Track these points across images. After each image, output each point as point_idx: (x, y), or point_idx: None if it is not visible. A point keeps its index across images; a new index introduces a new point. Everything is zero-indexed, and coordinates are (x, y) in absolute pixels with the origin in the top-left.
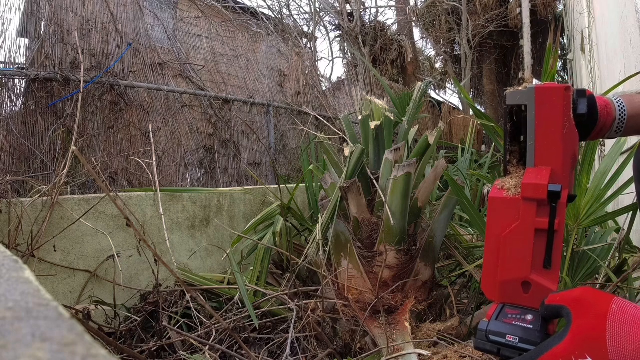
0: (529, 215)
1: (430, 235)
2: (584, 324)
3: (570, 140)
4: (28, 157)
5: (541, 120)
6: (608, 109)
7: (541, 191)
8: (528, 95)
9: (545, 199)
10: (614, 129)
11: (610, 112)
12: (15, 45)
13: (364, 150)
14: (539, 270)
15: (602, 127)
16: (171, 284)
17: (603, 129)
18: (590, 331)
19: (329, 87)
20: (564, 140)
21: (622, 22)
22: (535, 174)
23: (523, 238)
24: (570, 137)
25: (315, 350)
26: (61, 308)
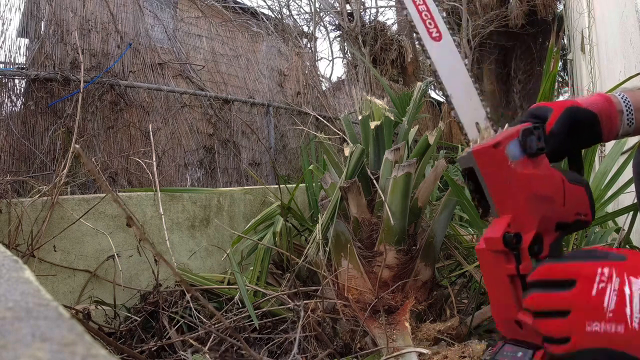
0: (499, 264)
1: (430, 235)
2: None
3: (520, 187)
4: (28, 157)
5: (486, 178)
6: (608, 102)
7: (497, 243)
8: (470, 159)
9: (504, 249)
10: (625, 122)
11: (611, 104)
12: (15, 45)
13: (364, 150)
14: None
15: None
16: (171, 284)
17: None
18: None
19: (329, 87)
20: (509, 190)
21: (622, 22)
22: (494, 226)
23: (501, 284)
24: (519, 185)
25: (315, 350)
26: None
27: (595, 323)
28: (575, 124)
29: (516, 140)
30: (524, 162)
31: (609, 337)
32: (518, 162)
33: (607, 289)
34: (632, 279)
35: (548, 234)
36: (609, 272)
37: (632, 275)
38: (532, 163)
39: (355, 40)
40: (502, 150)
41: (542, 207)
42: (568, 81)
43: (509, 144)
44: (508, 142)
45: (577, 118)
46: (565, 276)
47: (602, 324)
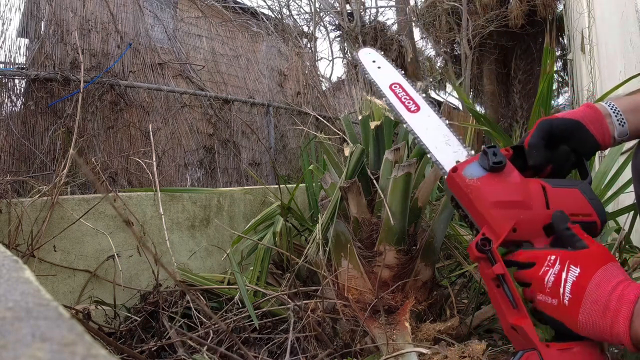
0: (484, 272)
1: (431, 235)
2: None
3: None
4: (28, 157)
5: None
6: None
7: (473, 252)
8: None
9: (480, 254)
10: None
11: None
12: (15, 45)
13: (364, 150)
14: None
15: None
16: (171, 284)
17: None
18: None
19: (329, 87)
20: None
21: (622, 22)
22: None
23: (492, 291)
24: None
25: (315, 350)
26: (61, 308)
27: (540, 294)
28: (550, 132)
29: (475, 162)
30: (487, 177)
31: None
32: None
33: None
34: (572, 267)
35: (538, 238)
36: (554, 259)
37: (572, 264)
38: (496, 177)
39: (355, 40)
40: (460, 172)
41: (514, 212)
42: (568, 81)
43: (466, 167)
44: (465, 166)
45: (552, 126)
46: (528, 260)
47: (544, 295)
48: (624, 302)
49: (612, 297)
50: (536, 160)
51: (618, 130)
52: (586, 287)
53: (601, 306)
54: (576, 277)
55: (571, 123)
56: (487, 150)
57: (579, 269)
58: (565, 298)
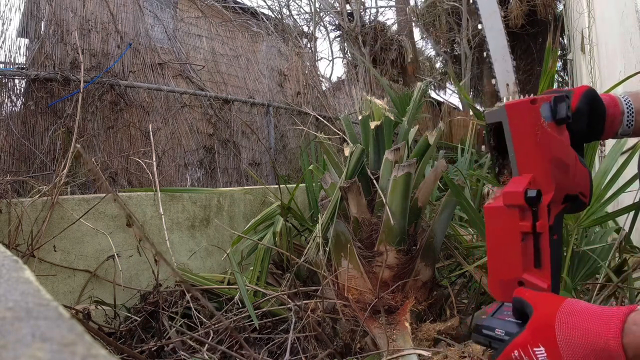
0: (513, 220)
1: (431, 235)
2: (538, 317)
3: (547, 147)
4: (28, 157)
5: (515, 133)
6: (614, 102)
7: (518, 197)
8: (501, 113)
9: (523, 204)
10: (624, 123)
11: (616, 105)
12: (15, 45)
13: (364, 150)
14: (530, 269)
15: (613, 121)
16: (171, 284)
17: (614, 122)
18: (542, 322)
19: (329, 87)
20: (538, 148)
21: (622, 22)
22: (515, 183)
23: (512, 241)
24: (547, 144)
25: (315, 350)
26: (61, 308)
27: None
28: (594, 105)
29: (548, 104)
30: (552, 125)
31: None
32: (550, 125)
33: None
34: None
35: (556, 204)
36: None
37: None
38: (558, 130)
39: (355, 40)
40: (538, 107)
41: (559, 173)
42: (568, 81)
43: (543, 104)
44: (543, 102)
45: (596, 99)
46: None
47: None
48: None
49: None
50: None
51: (622, 129)
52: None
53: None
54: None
55: (603, 105)
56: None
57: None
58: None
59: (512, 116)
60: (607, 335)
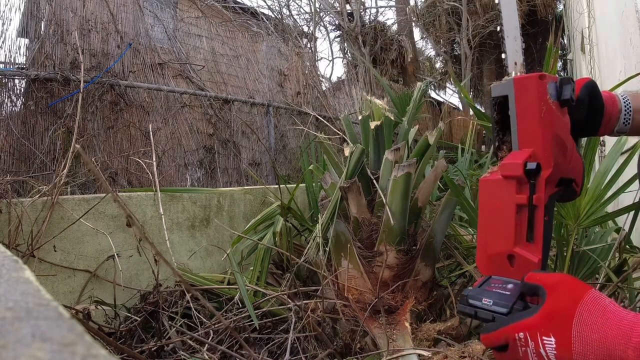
0: (510, 192)
1: (431, 235)
2: (555, 305)
3: (550, 123)
4: (28, 157)
5: (520, 107)
6: (612, 99)
7: (517, 169)
8: (508, 86)
9: (522, 175)
10: (621, 120)
11: (614, 101)
12: (15, 45)
13: (364, 150)
14: (522, 243)
15: (610, 117)
16: (171, 284)
17: (611, 118)
18: (559, 312)
19: (329, 87)
20: (541, 122)
21: (622, 22)
22: (515, 155)
23: (506, 214)
24: (550, 120)
25: (315, 350)
26: (61, 308)
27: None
28: (594, 96)
29: (554, 83)
30: (556, 104)
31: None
32: (555, 103)
33: (527, 352)
34: (545, 339)
35: (551, 185)
36: (524, 337)
37: (544, 335)
38: (560, 110)
39: (355, 40)
40: (545, 83)
41: (559, 152)
42: None
43: (550, 82)
44: (549, 81)
45: (597, 92)
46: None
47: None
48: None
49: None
50: (580, 116)
51: (619, 127)
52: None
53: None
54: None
55: (602, 99)
56: (567, 80)
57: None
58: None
59: (519, 89)
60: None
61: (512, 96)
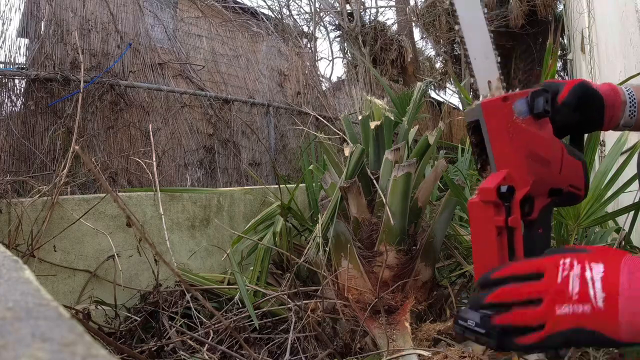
0: (489, 215)
1: (431, 235)
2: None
3: (521, 143)
4: (28, 157)
5: (490, 130)
6: (614, 91)
7: (491, 193)
8: (478, 111)
9: (497, 199)
10: (627, 113)
11: (617, 94)
12: (15, 45)
13: (364, 150)
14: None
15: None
16: (171, 284)
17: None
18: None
19: (329, 87)
20: (511, 144)
21: (622, 22)
22: (491, 179)
23: (489, 236)
24: (521, 140)
25: (315, 350)
26: (61, 308)
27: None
28: (585, 98)
29: (524, 99)
30: (529, 120)
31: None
32: (524, 119)
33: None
34: (593, 265)
35: (540, 198)
36: (570, 262)
37: (592, 262)
38: (536, 124)
39: (355, 40)
40: (510, 104)
41: (538, 168)
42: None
43: (517, 100)
44: (516, 99)
45: (588, 93)
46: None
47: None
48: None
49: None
50: (565, 118)
51: (625, 120)
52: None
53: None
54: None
55: (599, 96)
56: (539, 92)
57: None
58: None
59: (486, 114)
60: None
61: (482, 120)
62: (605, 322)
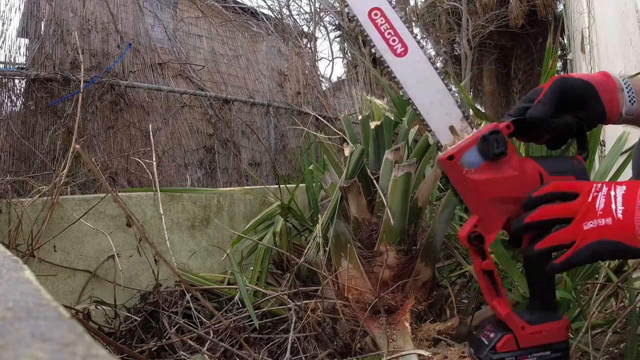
0: (474, 258)
1: (431, 235)
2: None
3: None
4: (28, 157)
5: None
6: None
7: (463, 241)
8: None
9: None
10: (627, 99)
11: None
12: (15, 45)
13: (364, 150)
14: (495, 298)
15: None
16: (171, 284)
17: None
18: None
19: (329, 87)
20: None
21: (622, 22)
22: (465, 225)
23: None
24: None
25: (315, 350)
26: (61, 308)
27: (590, 222)
28: (565, 91)
29: (474, 147)
30: (485, 167)
31: (600, 230)
32: (477, 169)
33: (598, 195)
34: (617, 186)
35: None
36: (601, 185)
37: (618, 185)
38: (493, 167)
39: (355, 40)
40: (456, 162)
41: (508, 207)
42: None
43: (464, 154)
44: (463, 153)
45: (567, 85)
46: (571, 190)
47: (595, 220)
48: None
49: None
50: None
51: (627, 107)
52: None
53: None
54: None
55: (586, 86)
56: (488, 137)
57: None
58: (619, 212)
59: (444, 169)
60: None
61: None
62: (624, 231)
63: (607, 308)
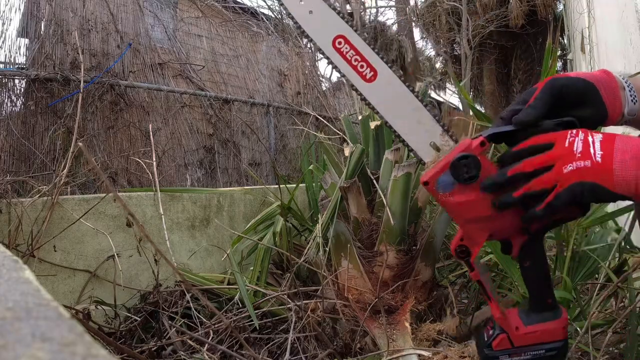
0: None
1: (431, 235)
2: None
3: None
4: (28, 157)
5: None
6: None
7: (453, 253)
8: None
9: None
10: (629, 98)
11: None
12: (15, 45)
13: (364, 150)
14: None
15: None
16: (171, 284)
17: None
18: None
19: (329, 87)
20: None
21: (622, 22)
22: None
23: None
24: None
25: (315, 350)
26: (61, 308)
27: (569, 164)
28: (559, 90)
29: (447, 172)
30: (459, 189)
31: (579, 172)
32: (451, 193)
33: (575, 140)
34: (594, 133)
35: (516, 237)
36: (577, 131)
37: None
38: (467, 189)
39: None
40: (432, 186)
41: (487, 224)
42: None
43: (438, 179)
44: (437, 178)
45: (559, 84)
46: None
47: (574, 163)
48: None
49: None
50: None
51: (629, 107)
52: (614, 141)
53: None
54: (602, 139)
55: (586, 85)
56: (457, 164)
57: (601, 134)
58: (597, 156)
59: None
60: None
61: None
62: (602, 173)
63: (607, 308)
